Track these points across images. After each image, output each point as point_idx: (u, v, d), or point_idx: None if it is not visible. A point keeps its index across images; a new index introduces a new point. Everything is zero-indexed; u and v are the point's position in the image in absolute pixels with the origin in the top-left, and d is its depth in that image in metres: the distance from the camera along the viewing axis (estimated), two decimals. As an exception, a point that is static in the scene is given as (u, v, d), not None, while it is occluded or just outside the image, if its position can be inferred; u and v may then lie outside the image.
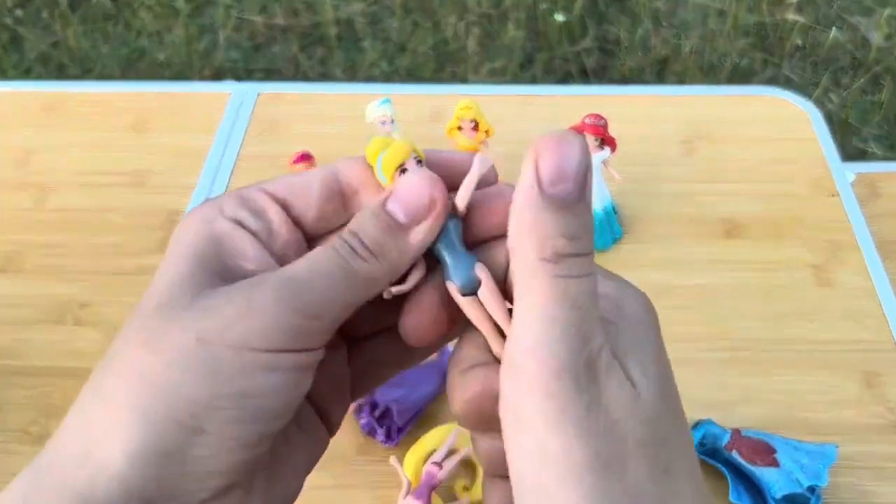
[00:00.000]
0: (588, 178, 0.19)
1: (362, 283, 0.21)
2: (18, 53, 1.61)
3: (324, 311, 0.21)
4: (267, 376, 0.20)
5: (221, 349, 0.20)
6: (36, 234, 0.67)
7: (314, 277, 0.21)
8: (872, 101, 1.48)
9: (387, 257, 0.21)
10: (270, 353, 0.20)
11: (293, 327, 0.20)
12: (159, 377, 0.20)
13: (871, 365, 0.56)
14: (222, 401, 0.20)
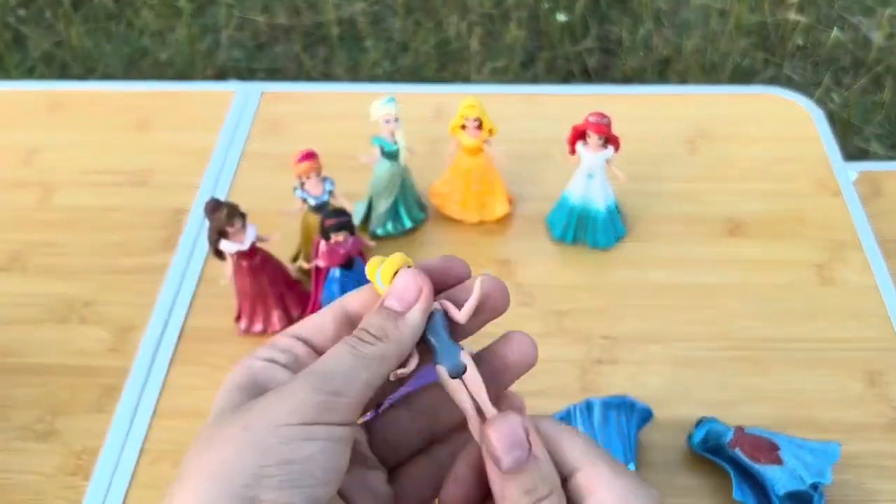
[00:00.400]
0: (529, 438, 0.25)
1: (373, 362, 0.26)
2: (22, 53, 1.61)
3: (343, 388, 0.25)
4: (304, 445, 0.24)
5: (262, 428, 0.24)
6: (40, 232, 0.67)
7: (331, 363, 0.26)
8: (874, 101, 1.48)
9: (390, 338, 0.27)
10: (304, 426, 0.24)
11: (319, 403, 0.25)
12: (216, 465, 0.24)
13: (874, 363, 0.56)
14: (269, 470, 0.24)
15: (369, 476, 0.29)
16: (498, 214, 0.65)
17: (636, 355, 0.56)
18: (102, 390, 0.56)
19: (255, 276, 0.56)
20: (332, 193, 0.58)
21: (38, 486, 0.52)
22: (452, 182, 0.65)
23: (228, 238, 0.54)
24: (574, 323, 0.58)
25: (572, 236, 0.64)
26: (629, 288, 0.61)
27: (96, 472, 0.52)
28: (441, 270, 0.29)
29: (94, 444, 0.53)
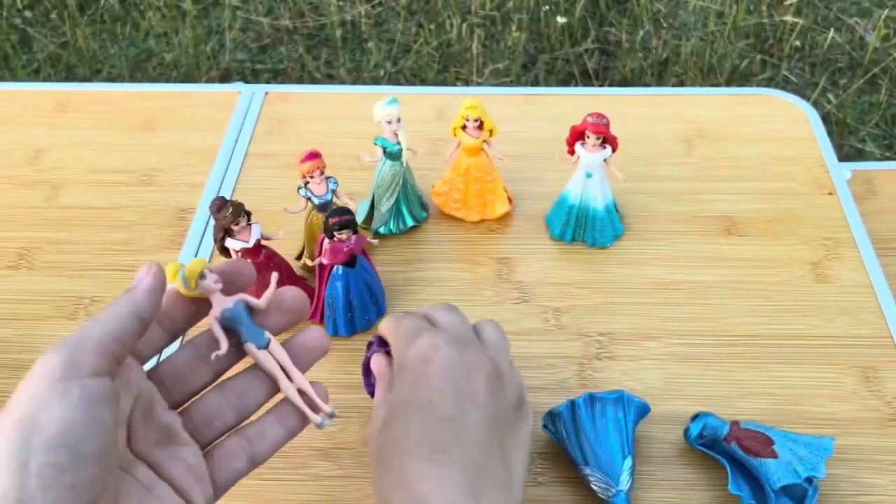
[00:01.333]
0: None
1: (107, 317, 0.31)
2: (28, 54, 1.62)
3: (81, 344, 0.30)
4: (58, 403, 0.28)
5: (24, 401, 0.29)
6: (47, 231, 0.68)
7: (74, 330, 0.31)
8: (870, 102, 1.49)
9: (119, 301, 0.33)
10: (53, 385, 0.28)
11: (58, 363, 0.29)
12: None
13: (867, 360, 0.57)
14: (30, 437, 0.28)
15: (182, 451, 0.34)
16: (498, 213, 0.66)
17: (633, 351, 0.57)
18: (109, 385, 0.57)
19: (260, 273, 0.57)
20: (336, 192, 0.59)
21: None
22: (453, 181, 0.66)
23: (233, 236, 0.55)
24: (572, 319, 0.59)
25: (571, 235, 0.65)
26: (627, 285, 0.62)
27: (104, 465, 0.53)
28: (232, 271, 0.36)
29: (101, 437, 0.54)
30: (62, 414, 0.28)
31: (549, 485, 0.51)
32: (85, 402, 0.28)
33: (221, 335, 0.36)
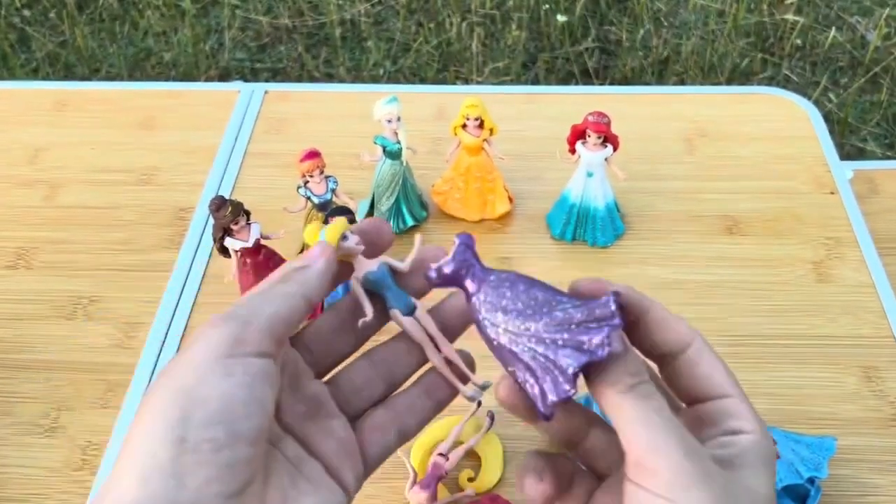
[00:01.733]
0: (623, 338, 0.28)
1: (276, 297, 0.29)
2: (26, 53, 1.62)
3: (250, 317, 0.28)
4: (221, 381, 0.26)
5: (180, 373, 0.27)
6: (46, 230, 0.68)
7: (240, 303, 0.29)
8: (871, 101, 1.49)
9: (293, 281, 0.30)
10: (219, 361, 0.27)
11: (228, 338, 0.27)
12: (146, 416, 0.27)
13: (869, 360, 0.57)
14: (192, 410, 0.26)
15: (332, 423, 0.32)
16: (499, 212, 0.66)
17: (635, 351, 0.57)
18: (108, 386, 0.57)
19: (260, 273, 0.57)
20: (335, 192, 0.59)
21: (43, 481, 0.52)
22: (454, 180, 0.65)
23: (233, 235, 0.55)
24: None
25: (572, 234, 0.65)
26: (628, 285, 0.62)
27: (102, 468, 0.53)
28: (372, 230, 0.34)
29: (99, 439, 0.54)
30: (224, 390, 0.26)
31: (550, 485, 0.50)
32: (248, 380, 0.27)
33: (366, 300, 0.33)
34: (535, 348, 0.28)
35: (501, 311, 0.29)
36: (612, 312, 0.28)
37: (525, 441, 0.52)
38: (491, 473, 0.51)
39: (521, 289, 0.29)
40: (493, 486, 0.51)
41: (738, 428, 0.29)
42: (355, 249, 0.33)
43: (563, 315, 0.28)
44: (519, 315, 0.29)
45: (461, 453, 0.50)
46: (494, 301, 0.29)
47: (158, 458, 0.25)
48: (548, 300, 0.29)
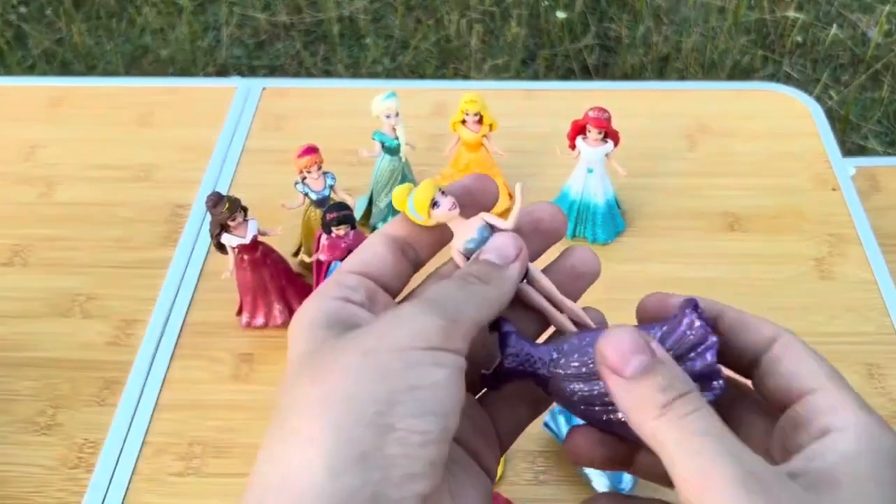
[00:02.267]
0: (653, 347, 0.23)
1: (480, 300, 0.25)
2: (23, 50, 1.61)
3: (457, 316, 0.24)
4: (432, 371, 0.23)
5: (386, 355, 0.22)
6: (42, 227, 0.67)
7: (443, 294, 0.25)
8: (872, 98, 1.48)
9: (493, 283, 0.26)
10: (430, 350, 0.23)
11: (442, 328, 0.23)
12: (339, 394, 0.22)
13: (872, 357, 0.56)
14: (399, 395, 0.22)
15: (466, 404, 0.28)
16: (498, 209, 0.66)
17: (636, 349, 0.57)
18: (104, 384, 0.57)
19: (257, 270, 0.56)
20: (333, 188, 0.58)
21: (40, 479, 0.52)
22: (453, 177, 0.65)
23: (230, 232, 0.54)
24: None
25: (572, 231, 0.64)
26: (628, 282, 0.61)
27: (98, 465, 0.52)
28: (474, 188, 0.29)
29: (96, 437, 0.54)
30: (438, 381, 0.22)
31: (550, 484, 0.50)
32: (456, 375, 0.23)
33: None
34: (612, 411, 0.25)
35: (586, 387, 0.26)
36: (705, 332, 0.24)
37: (526, 439, 0.52)
38: (491, 472, 0.50)
39: (591, 352, 0.26)
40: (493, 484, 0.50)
41: (826, 426, 0.23)
42: (448, 216, 0.28)
43: None
44: (589, 380, 0.26)
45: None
46: (567, 375, 0.26)
47: (362, 443, 0.21)
48: None
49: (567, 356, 0.26)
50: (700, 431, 0.21)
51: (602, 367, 0.23)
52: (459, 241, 0.28)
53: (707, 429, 0.21)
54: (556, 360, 0.26)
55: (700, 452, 0.21)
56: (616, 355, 0.23)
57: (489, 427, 0.28)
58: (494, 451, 0.28)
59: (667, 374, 0.22)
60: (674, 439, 0.21)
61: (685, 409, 0.21)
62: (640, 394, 0.22)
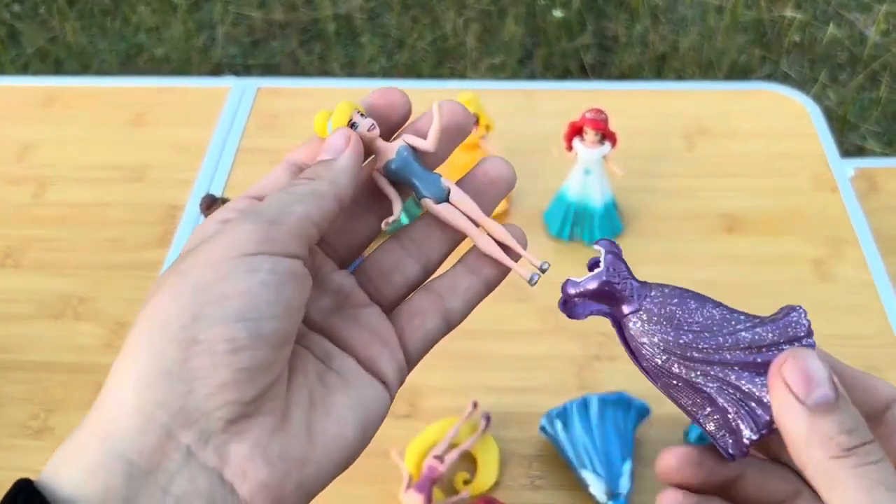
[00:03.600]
0: (834, 379, 0.22)
1: (306, 196, 0.26)
2: (16, 48, 1.60)
3: (278, 217, 0.25)
4: (244, 278, 0.23)
5: (199, 269, 0.23)
6: (34, 228, 0.66)
7: (267, 200, 0.26)
8: (870, 98, 1.48)
9: (322, 177, 0.26)
10: (243, 257, 0.23)
11: (257, 232, 0.24)
12: (152, 313, 0.23)
13: (870, 359, 0.56)
14: (207, 309, 0.23)
15: (362, 313, 0.28)
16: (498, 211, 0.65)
17: (633, 351, 0.56)
18: (97, 387, 0.55)
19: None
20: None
21: (32, 484, 0.52)
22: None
23: (224, 234, 0.54)
24: (571, 320, 0.58)
25: (569, 232, 0.64)
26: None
27: (91, 469, 0.52)
28: (382, 104, 0.29)
29: (88, 440, 0.53)
30: (247, 288, 0.23)
31: (546, 489, 0.50)
32: (275, 278, 0.23)
33: (395, 196, 0.29)
34: (723, 377, 0.24)
35: (673, 335, 0.24)
36: (808, 329, 0.24)
37: (522, 443, 0.52)
38: (487, 476, 0.50)
39: (692, 305, 0.24)
40: (488, 489, 0.50)
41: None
42: (369, 136, 0.28)
43: (750, 336, 0.23)
44: (696, 338, 0.24)
45: (456, 456, 0.49)
46: (662, 322, 0.24)
47: (165, 359, 0.22)
48: (726, 318, 0.24)
49: (674, 305, 0.25)
50: (887, 485, 0.20)
51: (779, 383, 0.22)
52: (380, 161, 0.28)
53: (886, 482, 0.21)
54: (653, 298, 0.25)
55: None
56: (802, 380, 0.22)
57: (392, 338, 0.28)
58: (396, 362, 0.28)
59: (853, 416, 0.22)
60: (856, 486, 0.21)
61: (871, 458, 0.21)
62: (824, 428, 0.21)
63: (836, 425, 0.21)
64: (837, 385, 0.22)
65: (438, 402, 0.54)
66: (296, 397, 0.25)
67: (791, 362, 0.22)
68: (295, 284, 0.24)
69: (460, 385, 0.54)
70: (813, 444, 0.21)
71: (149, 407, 0.22)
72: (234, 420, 0.22)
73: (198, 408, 0.22)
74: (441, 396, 0.54)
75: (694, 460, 0.25)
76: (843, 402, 0.22)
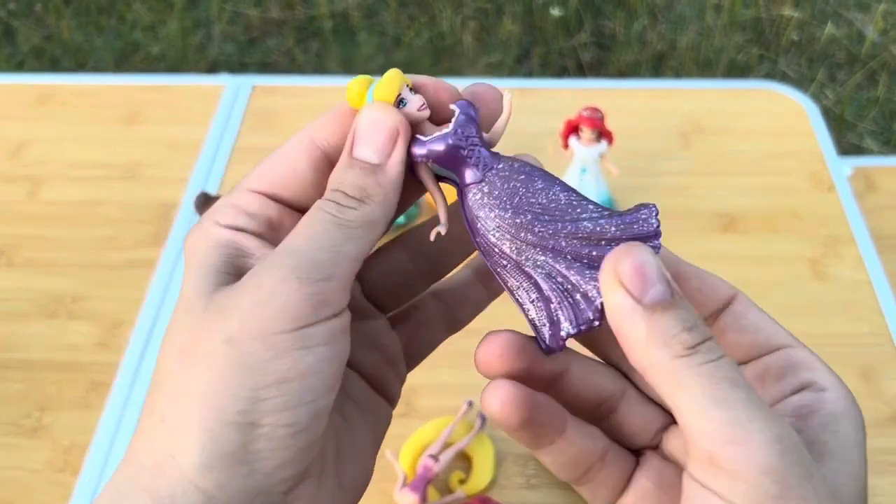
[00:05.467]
0: (668, 277, 0.20)
1: (359, 231, 0.21)
2: (11, 46, 1.60)
3: (332, 271, 0.21)
4: (301, 355, 0.20)
5: (249, 343, 0.20)
6: (28, 227, 0.66)
7: (312, 239, 0.21)
8: (868, 97, 1.48)
9: (373, 198, 0.22)
10: (296, 331, 0.20)
11: (310, 297, 0.20)
12: (203, 387, 0.20)
13: (867, 359, 0.56)
14: (265, 392, 0.20)
15: (369, 326, 0.25)
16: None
17: (629, 351, 0.56)
18: (91, 386, 0.56)
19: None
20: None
21: (25, 482, 0.51)
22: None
23: (218, 232, 0.53)
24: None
25: (566, 231, 0.64)
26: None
27: (84, 468, 0.52)
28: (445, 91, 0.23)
29: (82, 439, 0.53)
30: (306, 367, 0.20)
31: (541, 488, 0.50)
32: (332, 350, 0.21)
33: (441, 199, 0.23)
34: (553, 265, 0.21)
35: (511, 212, 0.22)
36: (656, 229, 0.21)
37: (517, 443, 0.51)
38: (482, 475, 0.50)
39: (538, 185, 0.22)
40: (484, 488, 0.50)
41: (807, 381, 0.22)
42: (418, 116, 0.22)
43: (591, 226, 0.21)
44: (535, 220, 0.22)
45: (452, 455, 0.49)
46: (502, 197, 0.22)
47: (225, 443, 0.20)
48: (572, 204, 0.22)
49: (519, 181, 0.22)
50: (731, 381, 0.19)
51: (612, 280, 0.20)
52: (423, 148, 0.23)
53: (737, 379, 0.19)
54: (499, 171, 0.22)
55: (733, 402, 0.19)
56: (637, 276, 0.20)
57: (398, 353, 0.26)
58: (400, 378, 0.26)
59: (691, 312, 0.20)
60: (700, 384, 0.19)
61: (713, 355, 0.19)
62: (663, 326, 0.19)
63: (677, 323, 0.20)
64: (671, 282, 0.20)
65: (434, 402, 0.53)
66: (327, 449, 0.23)
67: (625, 259, 0.20)
68: (345, 342, 0.22)
69: (455, 384, 0.54)
70: (653, 344, 0.19)
71: (211, 488, 0.20)
72: (288, 491, 0.21)
73: (258, 486, 0.21)
74: (436, 395, 0.54)
75: (516, 347, 0.22)
76: (679, 298, 0.20)
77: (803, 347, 0.23)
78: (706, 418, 0.19)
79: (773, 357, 0.23)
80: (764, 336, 0.23)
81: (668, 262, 0.23)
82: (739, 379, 0.19)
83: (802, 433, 0.21)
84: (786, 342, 0.23)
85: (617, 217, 0.22)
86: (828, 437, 0.21)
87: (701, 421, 0.19)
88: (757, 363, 0.23)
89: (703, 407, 0.19)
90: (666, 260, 0.23)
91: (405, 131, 0.22)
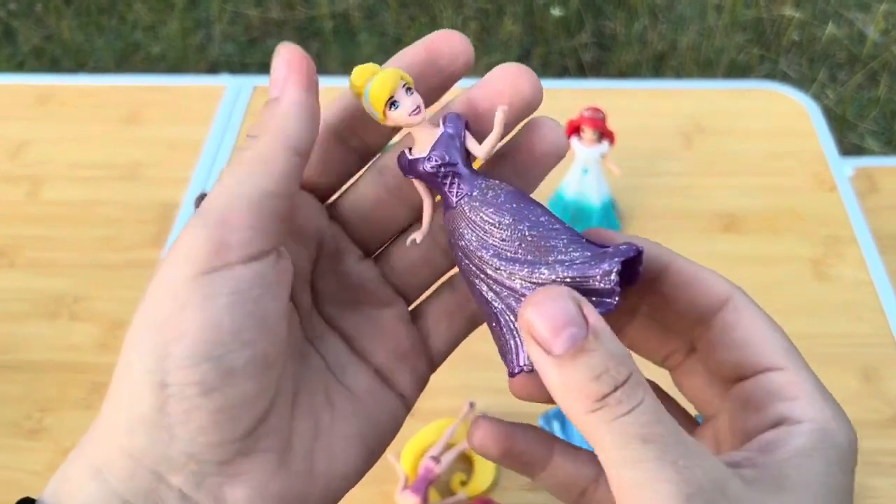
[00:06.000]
0: (586, 314, 0.19)
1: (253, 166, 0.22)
2: (12, 47, 1.60)
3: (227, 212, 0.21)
4: (203, 306, 0.20)
5: (162, 297, 0.21)
6: (29, 227, 0.66)
7: (215, 188, 0.22)
8: (869, 97, 1.48)
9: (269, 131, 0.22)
10: (195, 278, 0.20)
11: (206, 241, 0.21)
12: (126, 348, 0.21)
13: (868, 359, 0.56)
14: (171, 347, 0.20)
15: (384, 314, 0.24)
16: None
17: (631, 351, 0.56)
18: (92, 387, 0.56)
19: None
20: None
21: (26, 484, 0.51)
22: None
23: (219, 233, 0.53)
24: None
25: (567, 231, 0.64)
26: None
27: (85, 470, 0.51)
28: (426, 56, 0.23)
29: (83, 441, 0.53)
30: (205, 320, 0.19)
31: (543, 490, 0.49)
32: (238, 299, 0.20)
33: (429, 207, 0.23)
34: (508, 301, 0.21)
35: (475, 244, 0.22)
36: (612, 289, 0.20)
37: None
38: (483, 477, 0.50)
39: (506, 220, 0.21)
40: (485, 490, 0.50)
41: (781, 415, 0.21)
42: (406, 122, 0.22)
43: (548, 272, 0.20)
44: (494, 256, 0.21)
45: (453, 456, 0.49)
46: (469, 227, 0.22)
47: (142, 405, 0.20)
48: (541, 238, 0.21)
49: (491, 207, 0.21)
50: (640, 437, 0.18)
51: (524, 330, 0.19)
52: (418, 153, 0.23)
53: (647, 434, 0.18)
54: (474, 196, 0.22)
55: (639, 462, 0.18)
56: (545, 327, 0.19)
57: (415, 344, 0.25)
58: (417, 371, 0.25)
59: (603, 354, 0.19)
60: (610, 441, 0.18)
61: (624, 407, 0.18)
62: (572, 377, 0.18)
63: (585, 371, 0.18)
64: (588, 315, 0.19)
65: (435, 403, 0.53)
66: (299, 427, 0.22)
67: (531, 309, 0.19)
68: (267, 294, 0.20)
69: (457, 385, 0.54)
70: (566, 396, 0.19)
71: (135, 453, 0.20)
72: (226, 461, 0.20)
73: (183, 452, 0.20)
74: (438, 397, 0.53)
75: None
76: (595, 338, 0.19)
77: (791, 366, 0.21)
78: (617, 479, 0.18)
79: (756, 383, 0.22)
80: (752, 353, 0.22)
81: (660, 259, 0.22)
82: (653, 432, 0.18)
83: (765, 468, 0.20)
84: (771, 363, 0.21)
85: (581, 265, 0.20)
86: (790, 471, 0.20)
87: (613, 480, 0.19)
88: (741, 388, 0.22)
89: (613, 466, 0.18)
90: (659, 256, 0.22)
91: (298, 62, 0.22)
